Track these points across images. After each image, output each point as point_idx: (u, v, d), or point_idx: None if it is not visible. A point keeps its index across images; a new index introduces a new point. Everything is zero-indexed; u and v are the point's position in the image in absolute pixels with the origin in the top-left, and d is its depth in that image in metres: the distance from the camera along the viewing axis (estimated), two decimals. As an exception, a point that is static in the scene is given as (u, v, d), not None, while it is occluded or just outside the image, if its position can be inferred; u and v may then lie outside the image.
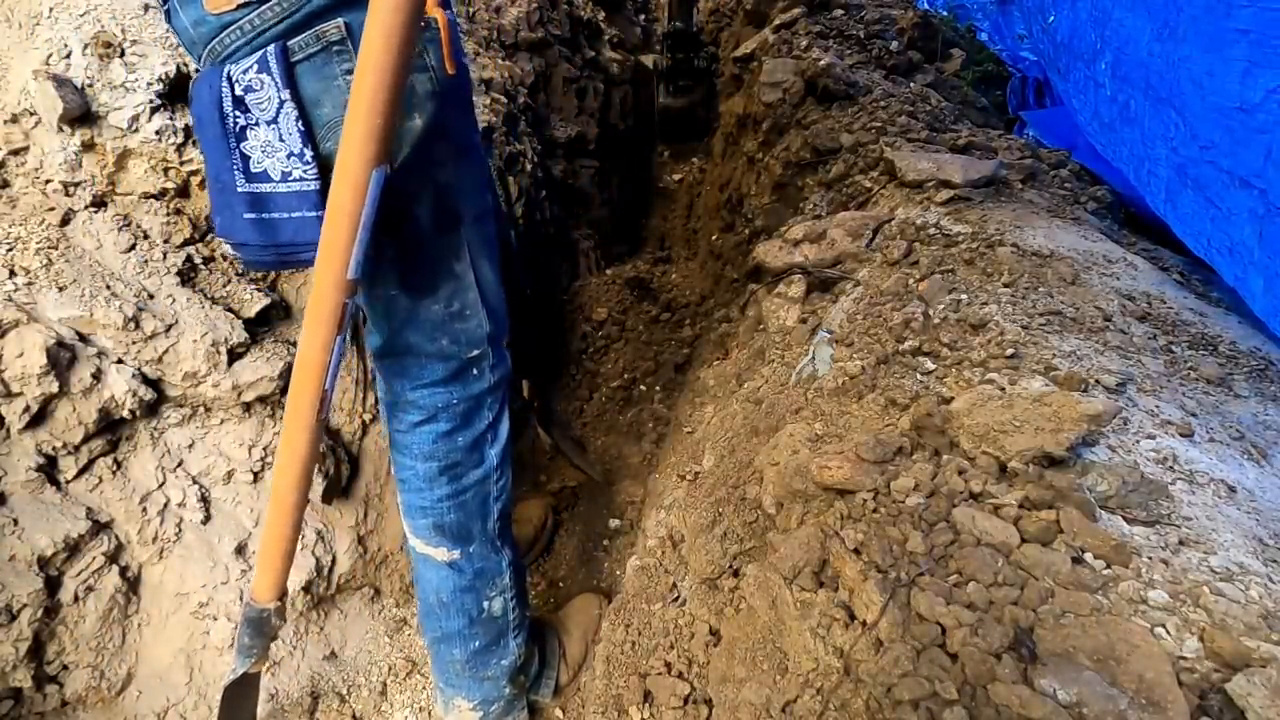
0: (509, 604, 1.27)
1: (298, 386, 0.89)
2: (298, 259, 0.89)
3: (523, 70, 2.68)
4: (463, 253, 1.03)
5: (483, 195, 1.06)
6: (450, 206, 0.99)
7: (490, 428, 1.17)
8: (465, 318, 1.06)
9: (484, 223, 1.06)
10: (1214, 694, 0.67)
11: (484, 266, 1.06)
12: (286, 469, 0.94)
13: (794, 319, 1.65)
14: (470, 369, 1.10)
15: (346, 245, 0.82)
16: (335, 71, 0.83)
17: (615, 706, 1.06)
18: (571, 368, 2.52)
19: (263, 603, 1.05)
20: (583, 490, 2.07)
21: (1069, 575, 0.78)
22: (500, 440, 1.20)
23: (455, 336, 1.07)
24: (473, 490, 1.17)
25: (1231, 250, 1.37)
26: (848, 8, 3.20)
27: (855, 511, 0.96)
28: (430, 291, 1.03)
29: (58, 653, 1.16)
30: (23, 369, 1.08)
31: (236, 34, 0.81)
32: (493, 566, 1.23)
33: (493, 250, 1.08)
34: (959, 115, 2.48)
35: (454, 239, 1.01)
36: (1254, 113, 1.28)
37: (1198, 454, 0.98)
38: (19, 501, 1.13)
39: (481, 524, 1.19)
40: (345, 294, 0.85)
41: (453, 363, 1.08)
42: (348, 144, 0.78)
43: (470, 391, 1.12)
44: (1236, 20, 1.30)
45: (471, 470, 1.16)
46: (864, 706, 0.77)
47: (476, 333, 1.08)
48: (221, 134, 0.82)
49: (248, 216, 0.85)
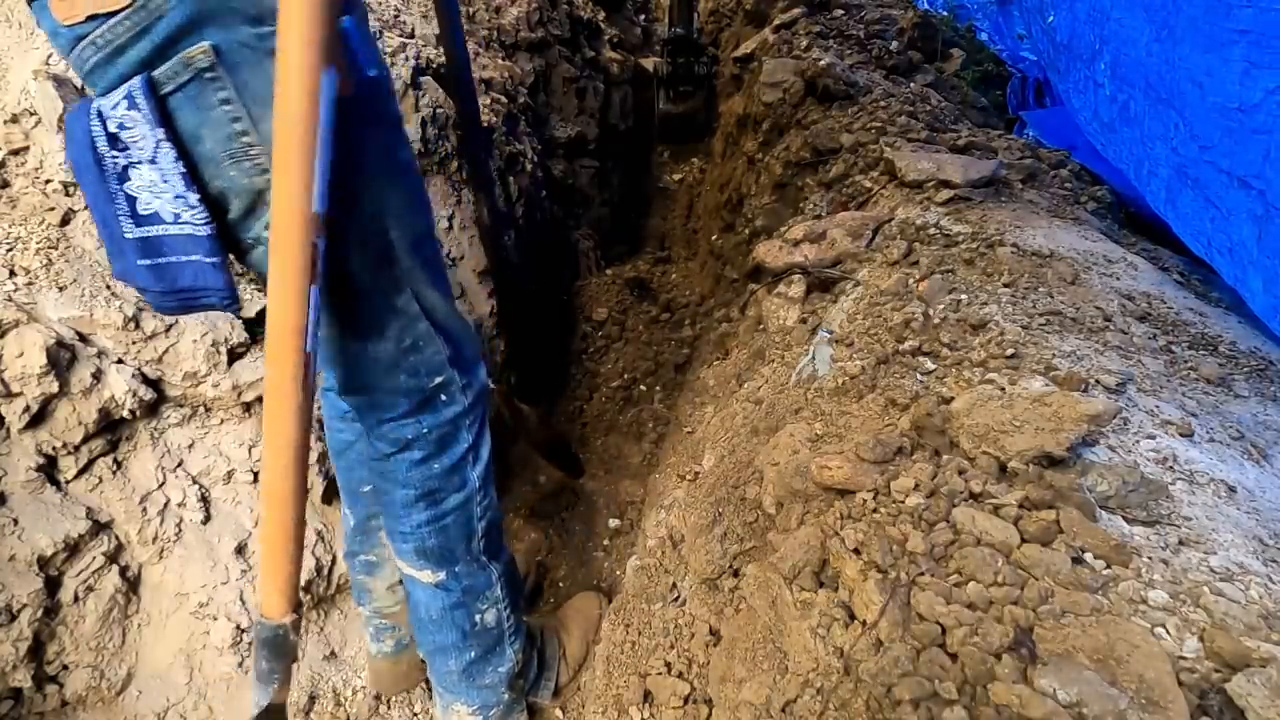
0: (503, 613, 1.24)
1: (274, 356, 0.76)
2: (203, 304, 0.82)
3: (523, 70, 2.68)
4: (403, 285, 0.94)
5: (419, 217, 0.97)
6: (379, 236, 0.90)
7: (471, 449, 1.11)
8: (419, 349, 0.99)
9: (423, 246, 0.97)
10: (1214, 694, 0.67)
11: (429, 294, 0.98)
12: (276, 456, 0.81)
13: (794, 319, 1.65)
14: (438, 396, 1.04)
15: (304, 172, 0.70)
16: (212, 101, 0.74)
17: (615, 706, 1.06)
18: (571, 368, 2.52)
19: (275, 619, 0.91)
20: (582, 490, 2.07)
21: (1069, 575, 0.78)
22: (482, 460, 1.15)
23: (413, 370, 1.00)
24: (454, 514, 1.12)
25: (1231, 250, 1.37)
26: (848, 8, 3.20)
27: (855, 511, 0.96)
28: (376, 331, 0.94)
29: (58, 653, 1.16)
30: (23, 369, 1.08)
31: (91, 49, 0.73)
32: (481, 582, 1.20)
33: (437, 272, 1.01)
34: (959, 115, 2.48)
35: (390, 272, 0.92)
36: (1253, 113, 1.28)
37: (1198, 454, 0.98)
38: (19, 501, 1.13)
39: (465, 544, 1.16)
40: (313, 232, 0.73)
41: (416, 395, 1.02)
42: (285, 48, 0.67)
43: (442, 418, 1.06)
44: (1236, 20, 1.30)
45: (452, 495, 1.11)
46: (864, 706, 0.77)
47: (435, 360, 1.01)
48: (100, 178, 0.74)
49: (142, 263, 0.78)
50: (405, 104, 1.85)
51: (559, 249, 2.76)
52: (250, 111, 0.76)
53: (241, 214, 0.82)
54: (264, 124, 0.75)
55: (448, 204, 1.97)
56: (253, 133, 0.76)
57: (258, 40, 0.73)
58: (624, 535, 1.91)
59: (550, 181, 2.74)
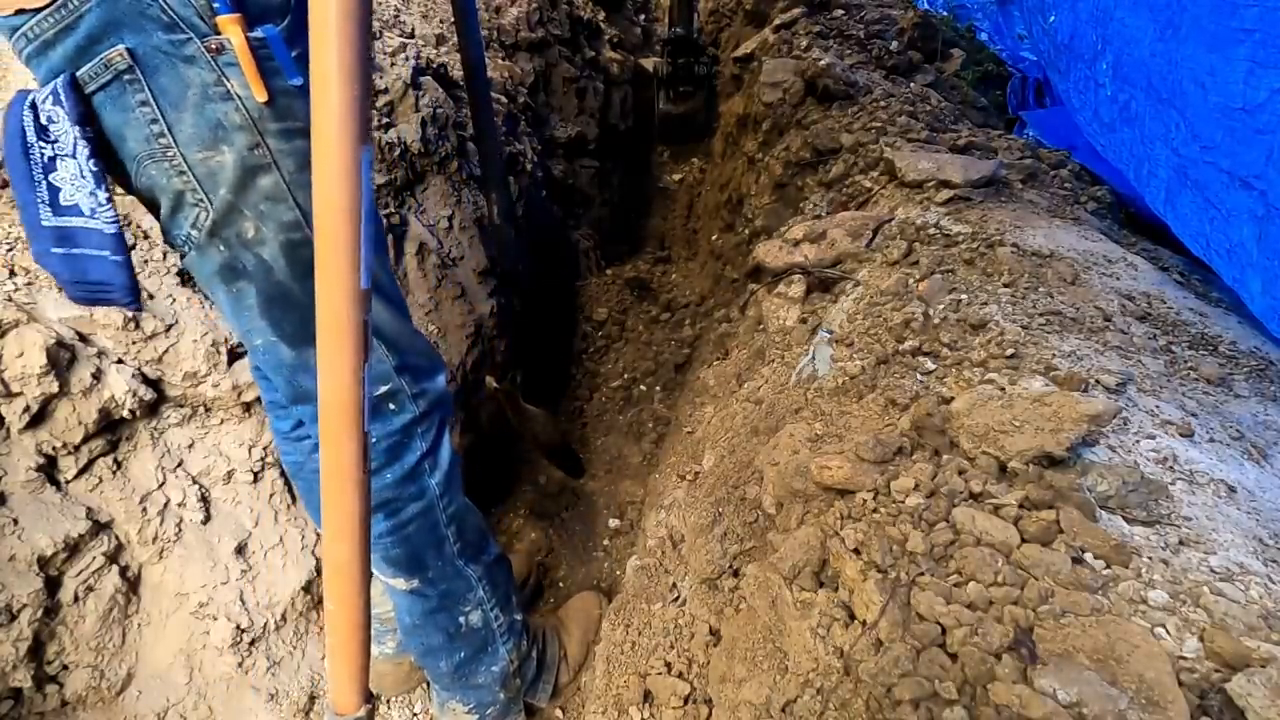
0: (489, 614, 1.23)
1: (331, 437, 0.75)
2: (109, 299, 0.84)
3: (523, 70, 2.68)
4: None
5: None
6: (304, 247, 0.87)
7: (427, 457, 1.09)
8: None
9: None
10: (1214, 694, 0.67)
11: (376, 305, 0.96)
12: (339, 540, 0.77)
13: (794, 319, 1.65)
14: (385, 405, 1.02)
15: (352, 250, 0.71)
16: (131, 102, 0.77)
17: (615, 706, 1.06)
18: (571, 368, 2.52)
19: (350, 713, 0.85)
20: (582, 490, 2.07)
21: (1069, 575, 0.78)
22: (442, 468, 1.12)
23: None
24: (416, 523, 1.10)
25: (1230, 251, 1.37)
26: (848, 8, 3.20)
27: (855, 511, 0.96)
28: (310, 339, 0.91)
29: (58, 653, 1.16)
30: (23, 369, 1.08)
31: (23, 41, 0.76)
32: (459, 586, 1.18)
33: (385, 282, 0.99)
34: (959, 115, 2.48)
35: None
36: (1256, 113, 1.27)
37: (1198, 454, 0.98)
38: (19, 501, 1.13)
39: (436, 551, 1.14)
40: (363, 310, 0.73)
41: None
42: (322, 124, 0.68)
43: (391, 427, 1.03)
44: (1241, 20, 1.29)
45: (410, 504, 1.09)
46: (864, 706, 0.77)
47: (379, 369, 1.00)
48: (26, 166, 0.77)
49: (55, 251, 0.80)
50: (405, 104, 1.85)
51: (559, 249, 2.76)
52: (166, 115, 0.78)
53: (169, 213, 0.84)
54: (178, 127, 0.79)
55: (448, 204, 1.97)
56: (168, 135, 0.79)
57: (172, 46, 0.76)
58: (624, 535, 1.91)
59: (550, 181, 2.73)
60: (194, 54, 0.76)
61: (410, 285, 1.78)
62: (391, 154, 1.77)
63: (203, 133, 0.79)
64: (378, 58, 1.84)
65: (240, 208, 0.83)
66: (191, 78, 0.77)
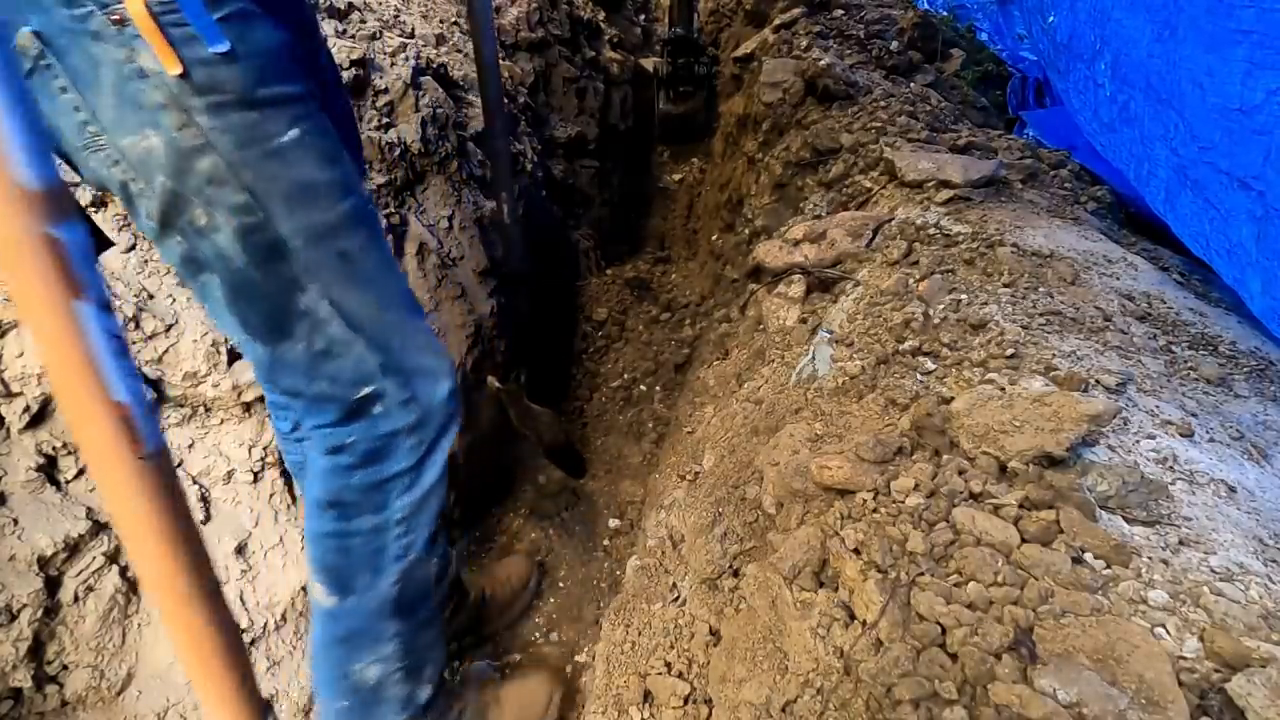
0: (390, 678, 1.08)
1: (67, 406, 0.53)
2: None
3: (523, 70, 2.68)
4: (304, 283, 0.84)
5: (332, 202, 0.85)
6: (259, 232, 0.81)
7: (406, 474, 0.98)
8: (335, 355, 0.89)
9: (335, 237, 0.86)
10: (1214, 694, 0.67)
11: (349, 294, 0.88)
12: (135, 539, 0.57)
13: (794, 319, 1.65)
14: (368, 408, 0.93)
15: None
16: (53, 90, 0.73)
17: (615, 706, 1.06)
18: (572, 368, 2.52)
19: None
20: (582, 490, 2.07)
21: (1069, 575, 0.79)
22: (418, 491, 1.00)
23: (333, 376, 0.90)
24: (362, 538, 0.99)
25: (1230, 251, 1.37)
26: (848, 8, 3.20)
27: (855, 511, 0.96)
28: (281, 334, 0.86)
29: (58, 653, 1.16)
30: (23, 369, 1.08)
31: None
32: (373, 632, 1.04)
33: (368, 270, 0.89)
34: (959, 115, 2.48)
35: (282, 269, 0.83)
36: (1254, 114, 1.28)
37: (1198, 454, 0.98)
38: (19, 501, 1.13)
39: (370, 579, 1.01)
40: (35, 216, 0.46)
41: (339, 404, 0.92)
42: None
43: (377, 431, 0.94)
44: (1238, 21, 1.30)
45: (365, 515, 0.98)
46: (864, 706, 0.77)
47: (361, 369, 0.91)
48: None
49: None
50: (405, 104, 1.85)
51: (559, 249, 2.76)
52: (87, 100, 0.73)
53: (125, 205, 0.80)
54: (101, 112, 0.73)
55: (448, 204, 1.97)
56: (95, 122, 0.74)
57: (74, 23, 0.70)
58: (624, 535, 1.91)
59: (550, 181, 2.73)
60: (99, 29, 0.70)
61: (410, 285, 1.78)
62: (391, 154, 1.76)
63: (126, 116, 0.73)
64: (378, 58, 1.84)
65: (183, 194, 0.77)
66: (101, 56, 0.71)
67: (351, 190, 0.88)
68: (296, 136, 0.81)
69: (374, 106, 1.78)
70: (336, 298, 0.87)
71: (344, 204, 0.87)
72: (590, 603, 1.73)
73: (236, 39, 0.75)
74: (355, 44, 1.76)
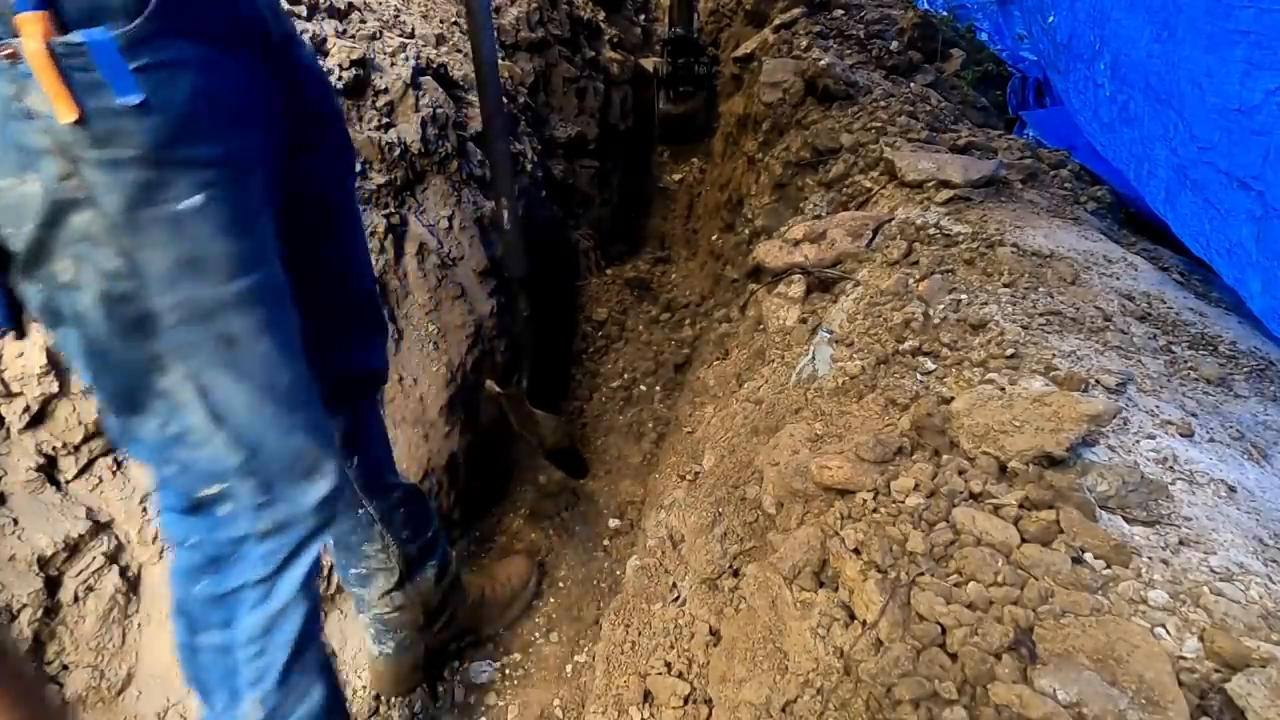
0: None
1: None
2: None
3: (523, 70, 2.68)
4: (166, 364, 0.75)
5: (225, 279, 0.75)
6: (128, 302, 0.72)
7: (256, 587, 0.87)
8: (189, 443, 0.79)
9: (220, 318, 0.76)
10: (1214, 694, 0.67)
11: (219, 378, 0.77)
12: None
13: (794, 319, 1.65)
14: (213, 507, 0.83)
15: None
16: None
17: (615, 706, 1.06)
18: (572, 368, 2.52)
19: None
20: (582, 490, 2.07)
21: (1069, 575, 0.79)
22: (271, 606, 0.88)
23: (183, 464, 0.81)
24: (209, 655, 0.90)
25: (1230, 251, 1.37)
26: (848, 8, 3.20)
27: (855, 511, 0.96)
28: (132, 408, 0.78)
29: (58, 653, 1.16)
30: (23, 369, 1.08)
31: None
32: None
33: (245, 351, 0.78)
34: (959, 115, 2.48)
35: (145, 345, 0.74)
36: (1253, 114, 1.28)
37: (1198, 454, 0.98)
38: (19, 501, 1.13)
39: (228, 702, 0.91)
40: None
41: (182, 494, 0.84)
42: None
43: (219, 536, 0.84)
44: (1237, 21, 1.30)
45: (211, 631, 0.88)
46: (864, 706, 0.77)
47: (215, 465, 0.81)
48: None
49: None
50: (405, 104, 1.85)
51: (559, 249, 2.76)
52: None
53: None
54: None
55: (448, 204, 1.97)
56: None
57: None
58: (624, 535, 1.91)
59: (550, 181, 2.73)
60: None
61: (410, 285, 1.78)
62: (391, 154, 1.76)
63: (6, 155, 0.66)
64: (378, 58, 1.84)
65: (51, 246, 0.69)
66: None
67: (256, 266, 0.78)
68: (198, 204, 0.72)
69: (374, 106, 1.78)
70: (205, 384, 0.77)
71: (241, 281, 0.76)
72: (590, 603, 1.73)
73: (154, 91, 0.66)
74: (355, 44, 1.76)
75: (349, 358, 1.13)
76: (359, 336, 1.15)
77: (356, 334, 1.14)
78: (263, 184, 0.80)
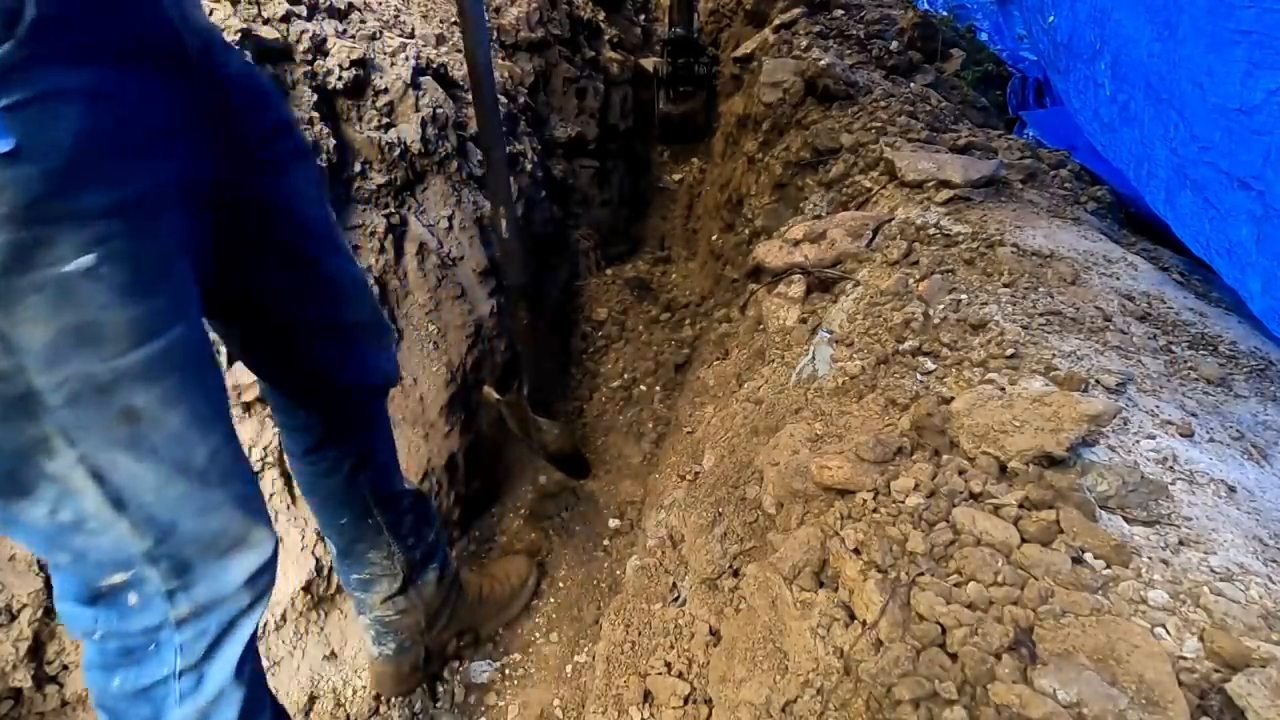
0: None
1: None
2: None
3: (523, 70, 2.68)
4: (53, 447, 0.65)
5: (124, 348, 0.65)
6: (5, 381, 0.62)
7: (182, 678, 0.78)
8: (86, 530, 0.69)
9: (119, 392, 0.65)
10: (1214, 694, 0.67)
11: (119, 459, 0.67)
12: None
13: (794, 319, 1.65)
14: (120, 596, 0.73)
15: None
16: None
17: (615, 706, 1.06)
18: (571, 368, 2.52)
19: None
20: (582, 490, 2.07)
21: (1069, 575, 0.79)
22: (202, 697, 0.79)
23: (79, 553, 0.71)
24: None
25: (1229, 251, 1.37)
26: (848, 8, 3.20)
27: (855, 511, 0.96)
28: (17, 492, 0.67)
29: (58, 653, 1.16)
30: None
31: None
32: None
33: (151, 426, 0.68)
34: (959, 115, 2.48)
35: (28, 428, 0.64)
36: (1254, 114, 1.28)
37: (1198, 454, 0.98)
38: (19, 501, 1.13)
39: None
40: None
41: (80, 583, 0.74)
42: None
43: (129, 626, 0.75)
44: (1239, 21, 1.30)
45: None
46: (864, 706, 0.77)
47: (118, 554, 0.71)
48: None
49: None
50: (405, 104, 1.85)
51: (559, 249, 2.76)
52: None
53: None
54: None
55: (448, 204, 1.97)
56: None
57: None
58: (624, 535, 1.91)
59: (550, 181, 2.74)
60: None
61: (410, 285, 1.78)
62: (391, 154, 1.76)
63: None
64: (377, 58, 1.84)
65: None
66: None
67: (166, 327, 0.68)
68: (89, 264, 0.61)
69: (374, 106, 1.78)
70: (100, 467, 0.67)
71: (145, 349, 0.66)
72: (590, 603, 1.73)
73: (29, 133, 0.55)
74: (355, 44, 1.76)
75: (358, 368, 1.10)
76: (364, 345, 1.10)
77: (361, 344, 1.09)
78: (181, 224, 0.69)
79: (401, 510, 1.28)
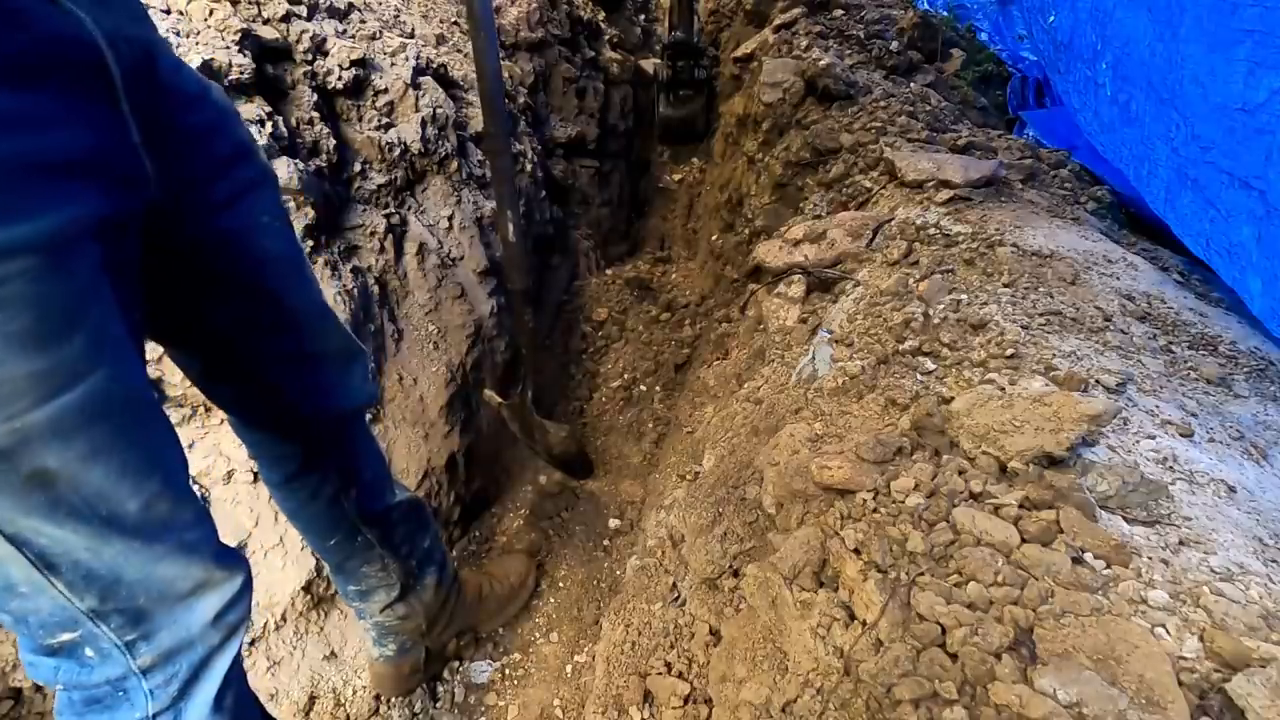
0: None
1: None
2: None
3: (523, 70, 2.68)
4: None
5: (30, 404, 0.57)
6: None
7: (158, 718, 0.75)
8: (21, 595, 0.65)
9: (29, 453, 0.58)
10: (1214, 694, 0.67)
11: (38, 524, 0.62)
12: None
13: (794, 319, 1.65)
14: (75, 651, 0.70)
15: None
16: None
17: (615, 706, 1.06)
18: (571, 368, 2.52)
19: None
20: (582, 490, 2.07)
21: (1069, 575, 0.78)
22: None
23: (19, 616, 0.68)
24: None
25: (1230, 251, 1.37)
26: (848, 8, 3.20)
27: (855, 511, 0.96)
28: None
29: (57, 652, 1.16)
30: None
31: None
32: None
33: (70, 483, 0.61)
34: (959, 115, 2.47)
35: None
36: (1256, 113, 1.27)
37: (1198, 454, 0.98)
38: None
39: None
40: None
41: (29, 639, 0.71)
42: None
43: (92, 678, 0.71)
44: (1242, 20, 1.29)
45: None
46: (864, 706, 0.77)
47: (56, 617, 0.67)
48: None
49: None
50: (405, 104, 1.85)
51: (559, 249, 2.76)
52: None
53: None
54: None
55: (448, 204, 1.97)
56: None
57: None
58: (624, 535, 1.91)
59: (550, 181, 2.74)
60: None
61: (410, 285, 1.78)
62: (391, 154, 1.77)
63: None
64: (377, 58, 1.84)
65: None
66: None
67: (82, 374, 0.60)
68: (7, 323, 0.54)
69: (374, 106, 1.78)
70: (20, 533, 0.61)
71: (51, 405, 0.58)
72: (590, 603, 1.73)
73: None
74: (355, 44, 1.76)
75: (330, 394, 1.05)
76: (334, 373, 1.05)
77: (330, 371, 1.04)
78: (99, 258, 0.61)
79: (392, 523, 1.26)
